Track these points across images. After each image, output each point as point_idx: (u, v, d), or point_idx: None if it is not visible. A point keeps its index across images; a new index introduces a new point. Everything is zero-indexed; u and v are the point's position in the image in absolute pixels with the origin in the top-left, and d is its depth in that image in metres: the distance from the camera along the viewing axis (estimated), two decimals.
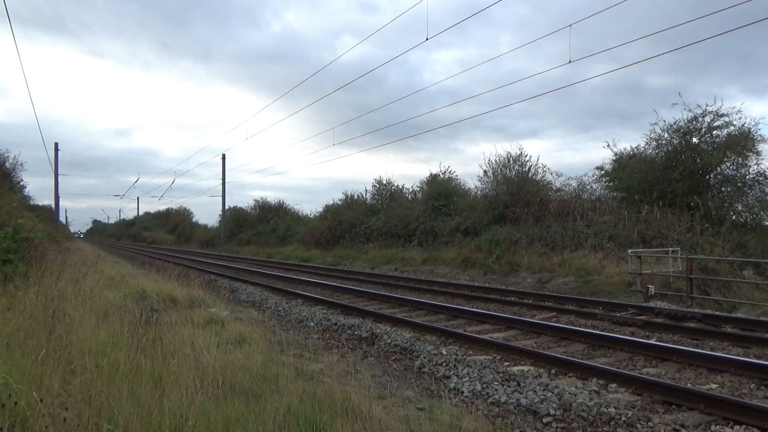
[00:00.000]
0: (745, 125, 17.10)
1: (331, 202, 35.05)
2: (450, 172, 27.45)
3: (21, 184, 31.24)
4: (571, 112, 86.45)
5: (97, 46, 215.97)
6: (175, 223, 69.20)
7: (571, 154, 78.86)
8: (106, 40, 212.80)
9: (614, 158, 20.58)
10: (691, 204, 16.67)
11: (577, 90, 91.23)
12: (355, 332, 8.22)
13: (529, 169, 21.94)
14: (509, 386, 5.26)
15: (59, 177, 44.70)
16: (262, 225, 41.27)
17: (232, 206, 49.21)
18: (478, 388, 5.26)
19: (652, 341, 7.09)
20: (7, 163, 28.63)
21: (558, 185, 21.62)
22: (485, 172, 22.97)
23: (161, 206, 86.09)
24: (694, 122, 17.77)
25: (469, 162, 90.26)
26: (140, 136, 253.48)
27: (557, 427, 4.31)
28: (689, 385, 5.28)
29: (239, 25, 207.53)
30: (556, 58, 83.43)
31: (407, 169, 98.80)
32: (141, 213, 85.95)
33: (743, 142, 16.86)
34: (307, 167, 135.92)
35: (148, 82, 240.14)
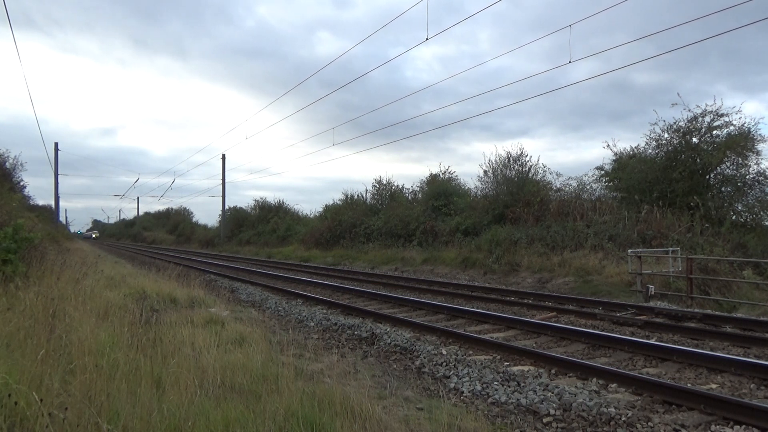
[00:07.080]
0: (745, 125, 17.13)
1: (329, 202, 35.19)
2: (450, 172, 27.54)
3: (21, 184, 31.35)
4: (559, 111, 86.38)
5: (68, 42, 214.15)
6: (175, 223, 69.27)
7: (565, 154, 78.88)
8: (76, 35, 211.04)
9: (614, 158, 20.63)
10: (691, 204, 16.67)
11: (563, 88, 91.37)
12: (355, 332, 8.22)
13: (529, 169, 21.98)
14: (509, 386, 5.26)
15: (59, 177, 44.70)
16: (262, 225, 41.28)
17: (231, 206, 49.26)
18: (478, 388, 5.26)
19: (652, 341, 7.08)
20: (7, 163, 28.70)
21: (558, 185, 21.71)
22: (485, 172, 23.04)
23: (160, 206, 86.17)
24: (694, 122, 17.77)
25: (461, 161, 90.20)
26: (126, 135, 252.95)
27: (557, 427, 4.31)
28: (689, 385, 5.28)
29: (212, 21, 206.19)
30: (541, 55, 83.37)
31: (400, 168, 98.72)
32: (141, 213, 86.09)
33: (743, 141, 16.86)
34: (301, 168, 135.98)
35: (126, 79, 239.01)
